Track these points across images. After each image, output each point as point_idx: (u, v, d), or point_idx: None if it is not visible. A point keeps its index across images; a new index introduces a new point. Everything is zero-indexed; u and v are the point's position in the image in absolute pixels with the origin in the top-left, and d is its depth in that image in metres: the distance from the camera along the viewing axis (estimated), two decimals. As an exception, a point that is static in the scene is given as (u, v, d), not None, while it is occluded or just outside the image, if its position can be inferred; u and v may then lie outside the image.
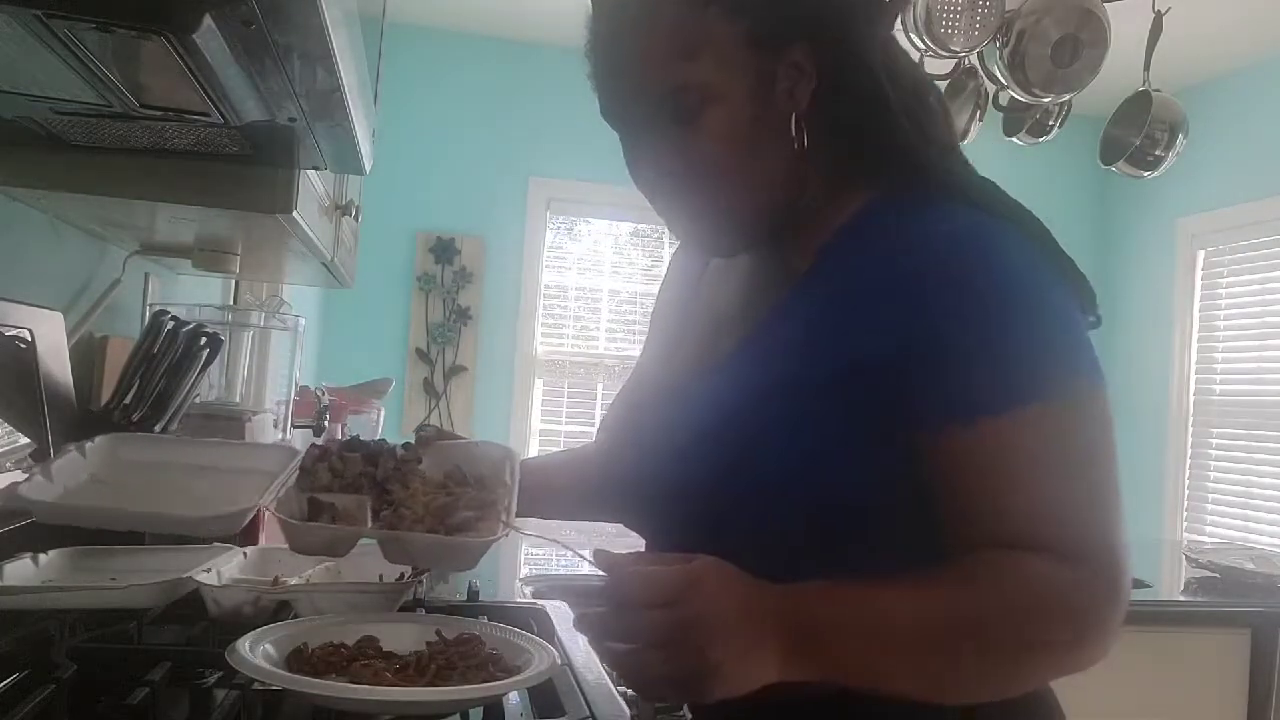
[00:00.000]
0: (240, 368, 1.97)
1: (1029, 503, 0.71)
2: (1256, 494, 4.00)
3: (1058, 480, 0.72)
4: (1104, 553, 0.71)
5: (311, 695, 0.74)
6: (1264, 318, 4.01)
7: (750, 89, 0.81)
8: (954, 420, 0.72)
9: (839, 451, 0.76)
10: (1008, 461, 0.72)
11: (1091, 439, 0.73)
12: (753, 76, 0.81)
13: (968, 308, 0.73)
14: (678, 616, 0.65)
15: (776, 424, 0.78)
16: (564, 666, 0.95)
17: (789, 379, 0.79)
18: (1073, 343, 0.75)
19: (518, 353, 4.37)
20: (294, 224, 1.27)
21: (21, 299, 1.22)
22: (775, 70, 0.82)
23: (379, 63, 1.81)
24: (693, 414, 0.85)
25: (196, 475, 1.02)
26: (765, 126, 0.82)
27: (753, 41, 0.81)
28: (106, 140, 1.08)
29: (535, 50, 4.25)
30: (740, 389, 0.82)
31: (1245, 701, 2.21)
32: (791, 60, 0.82)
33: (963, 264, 0.74)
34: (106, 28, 0.68)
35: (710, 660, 0.65)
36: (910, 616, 0.70)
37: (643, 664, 0.66)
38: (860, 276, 0.78)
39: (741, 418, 0.80)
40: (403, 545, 0.88)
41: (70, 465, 0.95)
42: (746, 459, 0.79)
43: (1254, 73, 4.05)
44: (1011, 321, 0.73)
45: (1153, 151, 2.79)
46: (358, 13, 0.98)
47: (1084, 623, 0.70)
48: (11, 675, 0.77)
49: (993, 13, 2.50)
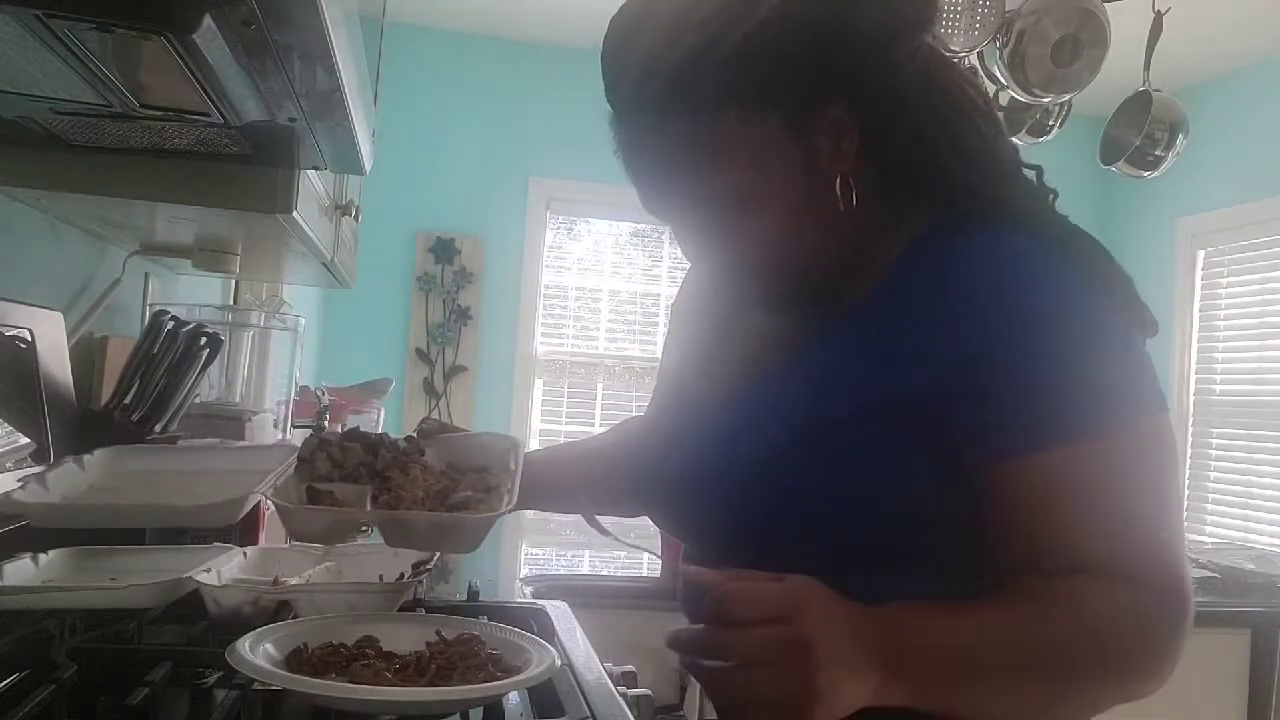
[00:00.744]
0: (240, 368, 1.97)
1: (1090, 528, 0.71)
2: (1256, 494, 3.99)
3: (1118, 506, 0.71)
4: (1167, 576, 0.70)
5: (311, 695, 0.74)
6: (1264, 318, 4.01)
7: (789, 173, 0.79)
8: (1013, 450, 0.72)
9: (887, 479, 0.75)
10: (1069, 489, 0.71)
11: (1151, 464, 0.73)
12: (791, 161, 0.78)
13: (1019, 339, 0.72)
14: (786, 635, 0.63)
15: (824, 450, 0.77)
16: (564, 666, 0.95)
17: (838, 406, 0.78)
18: (1128, 367, 0.74)
19: (518, 353, 4.37)
20: (294, 224, 1.27)
21: (21, 299, 1.22)
22: (814, 136, 0.78)
23: (379, 63, 1.81)
24: (739, 432, 0.84)
25: (197, 479, 1.02)
26: (814, 200, 0.79)
27: (786, 125, 0.78)
28: (106, 140, 1.08)
29: (535, 50, 4.25)
30: (786, 415, 0.81)
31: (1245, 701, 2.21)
32: (830, 117, 0.78)
33: (1012, 294, 0.74)
34: (106, 28, 0.68)
35: (818, 683, 0.62)
36: (996, 646, 0.70)
37: (744, 682, 0.63)
38: (912, 308, 0.77)
39: (785, 444, 0.79)
40: (402, 527, 0.87)
41: (68, 475, 0.95)
42: (789, 485, 0.78)
43: (1254, 73, 4.05)
44: (1065, 351, 0.72)
45: (1153, 151, 2.79)
46: (358, 13, 0.98)
47: (1154, 647, 0.70)
48: (11, 675, 0.77)
49: (993, 13, 2.50)
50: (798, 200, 0.79)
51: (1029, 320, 0.73)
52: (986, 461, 0.73)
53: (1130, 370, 0.75)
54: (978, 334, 0.73)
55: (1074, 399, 0.72)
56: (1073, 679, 0.70)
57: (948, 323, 0.74)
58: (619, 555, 2.36)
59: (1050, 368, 0.72)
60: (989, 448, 0.72)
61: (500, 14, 4.07)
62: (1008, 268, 0.75)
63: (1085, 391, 0.72)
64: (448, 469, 0.98)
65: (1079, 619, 0.70)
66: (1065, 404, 0.72)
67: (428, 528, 0.86)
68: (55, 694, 0.74)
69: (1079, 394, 0.72)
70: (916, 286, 0.78)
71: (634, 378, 4.46)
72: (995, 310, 0.73)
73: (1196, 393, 4.28)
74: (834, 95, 0.78)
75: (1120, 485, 0.72)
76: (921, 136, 0.79)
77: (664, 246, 4.52)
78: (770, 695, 0.63)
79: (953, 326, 0.74)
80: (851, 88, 0.78)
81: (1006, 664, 0.70)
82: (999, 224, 0.78)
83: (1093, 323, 0.74)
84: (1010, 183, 0.83)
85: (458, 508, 0.88)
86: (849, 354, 0.80)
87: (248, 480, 0.94)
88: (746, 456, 0.81)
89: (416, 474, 0.94)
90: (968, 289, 0.75)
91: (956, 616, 0.70)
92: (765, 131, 0.77)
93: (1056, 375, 0.72)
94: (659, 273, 4.55)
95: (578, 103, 4.44)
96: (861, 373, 0.78)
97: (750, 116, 0.77)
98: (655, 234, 4.51)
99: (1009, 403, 0.72)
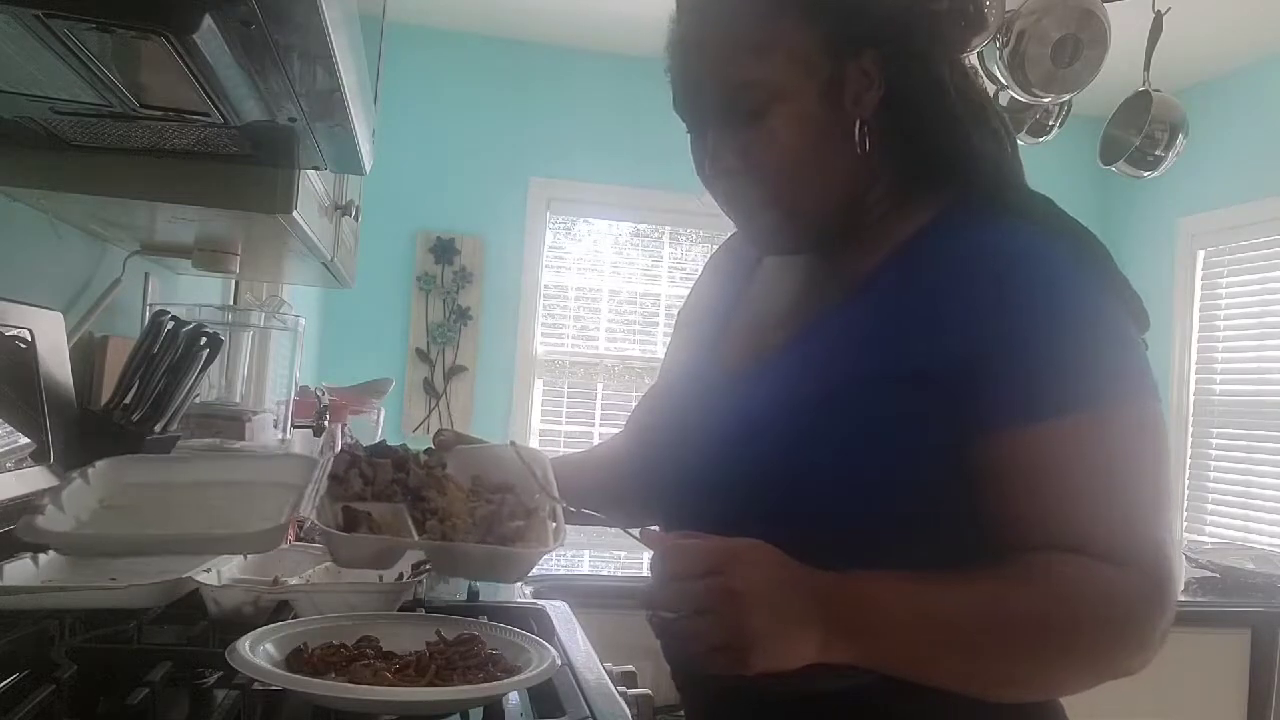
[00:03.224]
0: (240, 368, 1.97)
1: (1076, 506, 0.73)
2: (1256, 494, 3.99)
3: (1105, 485, 0.73)
4: (1150, 557, 0.72)
5: (311, 695, 0.74)
6: (1264, 318, 4.01)
7: (818, 91, 0.83)
8: (1007, 424, 0.74)
9: (888, 452, 0.77)
10: (1058, 465, 0.73)
11: (1141, 447, 0.75)
12: (822, 80, 0.83)
13: (1028, 320, 0.75)
14: (719, 584, 0.67)
15: (826, 424, 0.79)
16: (564, 666, 0.95)
17: (843, 380, 0.80)
18: (1127, 356, 0.77)
19: (518, 353, 4.37)
20: (294, 224, 1.27)
21: (21, 299, 1.22)
22: (845, 75, 0.84)
23: (379, 63, 1.81)
24: (740, 408, 0.86)
25: (204, 491, 1.01)
26: (830, 129, 0.84)
27: (826, 45, 0.83)
28: (106, 140, 1.08)
29: (535, 50, 4.25)
30: (792, 386, 0.83)
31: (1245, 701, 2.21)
32: (862, 67, 0.83)
33: (1026, 279, 0.76)
34: (106, 28, 0.68)
35: (750, 629, 0.67)
36: (959, 607, 0.71)
37: (687, 632, 0.68)
38: (924, 288, 0.80)
39: (792, 416, 0.81)
40: (454, 556, 0.86)
41: (78, 494, 0.93)
42: (794, 458, 0.79)
43: (1254, 73, 4.05)
44: (1069, 334, 0.75)
45: (1153, 151, 2.78)
46: (358, 13, 0.97)
47: (1131, 625, 0.71)
48: (11, 675, 0.77)
49: (993, 13, 2.49)
50: (815, 121, 0.83)
51: (1038, 303, 0.75)
52: (982, 434, 0.74)
53: (1129, 359, 0.77)
54: (990, 312, 0.75)
55: (1072, 378, 0.74)
56: (1040, 649, 0.71)
57: (962, 301, 0.77)
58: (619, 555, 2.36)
59: (1052, 347, 0.74)
60: (985, 420, 0.74)
61: (500, 14, 4.07)
62: (1022, 254, 0.78)
63: (1084, 372, 0.74)
64: (474, 485, 0.96)
65: (1051, 590, 0.71)
66: (1064, 382, 0.74)
67: (483, 559, 0.85)
68: (55, 694, 0.74)
69: (1077, 373, 0.74)
70: (933, 264, 0.81)
71: (634, 378, 4.46)
72: (1008, 291, 0.76)
73: (1196, 393, 4.28)
74: (872, 45, 0.83)
75: (1111, 465, 0.73)
76: (943, 117, 0.84)
77: (664, 246, 4.52)
78: (710, 643, 0.68)
79: (967, 304, 0.76)
80: (891, 45, 0.84)
81: (973, 627, 0.71)
82: (1016, 214, 0.82)
83: (1098, 311, 0.77)
84: (1023, 182, 0.87)
85: (509, 537, 0.86)
86: (862, 325, 0.82)
87: (258, 492, 0.94)
88: (757, 431, 0.83)
89: (454, 494, 0.92)
90: (983, 270, 0.77)
91: (915, 582, 0.72)
92: (807, 45, 0.83)
93: (1056, 354, 0.74)
94: (659, 273, 4.54)
95: (578, 103, 4.49)
96: (874, 344, 0.80)
97: (801, 26, 0.83)
98: (655, 234, 4.51)
99: (1008, 377, 0.74)
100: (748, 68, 0.83)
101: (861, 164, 0.85)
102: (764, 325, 0.92)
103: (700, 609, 0.68)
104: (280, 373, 2.12)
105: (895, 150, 0.86)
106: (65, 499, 0.90)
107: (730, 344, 0.95)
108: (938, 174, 0.86)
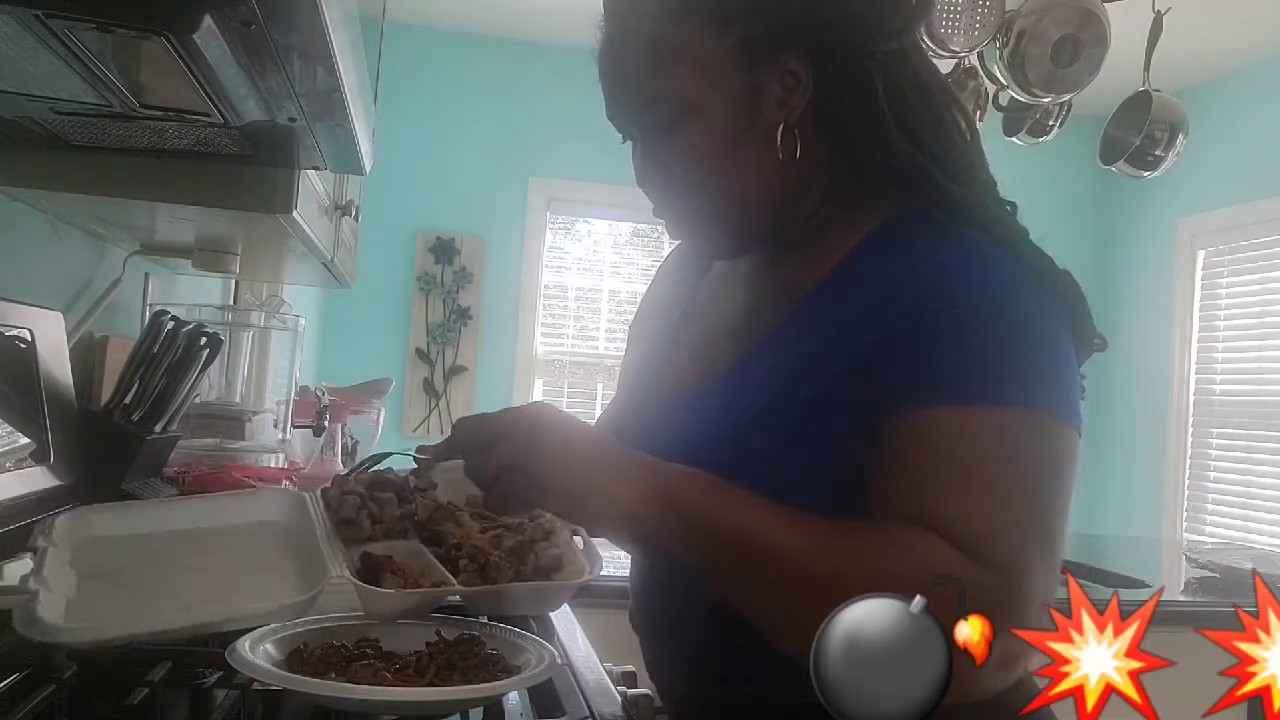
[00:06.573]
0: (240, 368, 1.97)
1: (946, 488, 0.70)
2: (1256, 494, 4.00)
3: (986, 482, 0.71)
4: (1015, 568, 0.68)
5: (311, 695, 0.74)
6: (1264, 318, 4.01)
7: (732, 99, 0.80)
8: (907, 406, 0.72)
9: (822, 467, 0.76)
10: (954, 455, 0.71)
11: (1046, 465, 0.72)
12: (736, 87, 0.80)
13: (960, 318, 0.73)
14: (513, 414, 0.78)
15: (780, 436, 0.77)
16: (564, 666, 0.95)
17: (795, 391, 0.78)
18: (1056, 373, 0.75)
19: (518, 353, 4.37)
20: (294, 224, 1.27)
21: (21, 299, 1.21)
22: (765, 79, 0.80)
23: (379, 63, 1.81)
24: (691, 426, 0.84)
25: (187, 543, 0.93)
26: (751, 136, 0.81)
27: (739, 51, 0.80)
28: (106, 140, 1.08)
29: (535, 50, 4.25)
30: (745, 400, 0.81)
31: (1245, 701, 2.21)
32: (786, 68, 0.80)
33: (962, 284, 0.75)
34: (106, 28, 0.68)
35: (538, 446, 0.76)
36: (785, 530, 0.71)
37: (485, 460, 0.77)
38: (867, 293, 0.78)
39: (735, 442, 0.79)
40: (499, 598, 0.84)
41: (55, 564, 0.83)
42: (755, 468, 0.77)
43: (1254, 73, 4.05)
44: (999, 337, 0.73)
45: (1153, 151, 2.78)
46: (358, 13, 0.97)
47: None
48: (11, 675, 0.77)
49: (993, 13, 2.49)
50: (734, 128, 0.81)
51: (974, 306, 0.74)
52: (896, 410, 0.73)
53: (1060, 376, 0.75)
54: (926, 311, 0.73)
55: (1002, 374, 0.72)
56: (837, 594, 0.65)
57: (898, 304, 0.75)
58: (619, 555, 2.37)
59: (967, 338, 0.73)
60: (902, 398, 0.73)
61: (500, 14, 4.07)
62: (964, 263, 0.77)
63: (997, 370, 0.73)
64: (469, 503, 0.94)
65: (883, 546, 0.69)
66: (993, 375, 0.72)
67: (528, 596, 0.84)
68: (55, 694, 0.74)
69: (990, 369, 0.72)
70: (876, 273, 0.79)
71: (634, 378, 4.46)
72: (946, 297, 0.74)
73: (1196, 393, 4.28)
74: (795, 44, 0.80)
75: (1002, 467, 0.71)
76: (874, 119, 0.80)
77: (664, 247, 4.52)
78: (500, 462, 0.76)
79: (901, 306, 0.75)
80: (816, 46, 0.80)
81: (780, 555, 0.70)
82: (961, 221, 0.79)
83: (1028, 319, 0.75)
84: (977, 183, 0.83)
85: (548, 568, 0.85)
86: (812, 338, 0.80)
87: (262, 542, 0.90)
88: (709, 447, 0.80)
89: (469, 525, 0.90)
90: (922, 278, 0.76)
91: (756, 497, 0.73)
92: (716, 53, 0.80)
93: (990, 353, 0.73)
94: (659, 273, 4.54)
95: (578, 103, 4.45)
96: (823, 354, 0.78)
97: (708, 31, 0.80)
98: (655, 234, 4.51)
99: (919, 363, 0.73)
100: (656, 79, 0.81)
101: (790, 169, 0.81)
102: (717, 340, 0.90)
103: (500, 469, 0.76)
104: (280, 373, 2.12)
105: (831, 151, 0.83)
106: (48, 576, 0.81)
107: (682, 359, 0.93)
108: (881, 178, 0.83)
